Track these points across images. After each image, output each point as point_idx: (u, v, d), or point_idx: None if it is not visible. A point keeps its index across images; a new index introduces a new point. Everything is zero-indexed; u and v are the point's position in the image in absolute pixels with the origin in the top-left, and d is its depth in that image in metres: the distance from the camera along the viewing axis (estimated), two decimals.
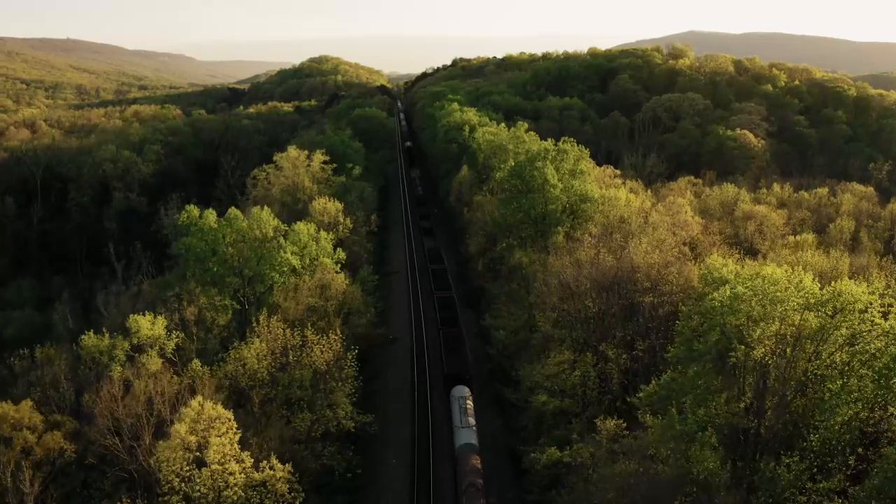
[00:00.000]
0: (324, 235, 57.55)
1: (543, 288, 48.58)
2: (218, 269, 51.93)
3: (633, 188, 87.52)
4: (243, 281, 53.10)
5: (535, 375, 47.17)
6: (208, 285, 52.10)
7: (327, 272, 55.56)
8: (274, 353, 41.63)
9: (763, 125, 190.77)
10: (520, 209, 67.91)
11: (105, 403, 34.21)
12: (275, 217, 55.64)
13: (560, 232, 62.48)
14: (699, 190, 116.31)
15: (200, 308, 48.14)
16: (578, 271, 46.41)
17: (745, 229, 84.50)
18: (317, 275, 54.63)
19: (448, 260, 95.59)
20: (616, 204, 68.88)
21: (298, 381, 40.44)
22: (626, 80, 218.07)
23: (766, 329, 30.94)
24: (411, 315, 74.11)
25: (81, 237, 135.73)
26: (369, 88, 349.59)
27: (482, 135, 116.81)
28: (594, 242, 53.93)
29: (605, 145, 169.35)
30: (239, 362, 40.35)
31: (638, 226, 62.86)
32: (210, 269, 51.75)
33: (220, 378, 40.20)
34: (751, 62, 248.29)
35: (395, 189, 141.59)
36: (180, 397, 35.19)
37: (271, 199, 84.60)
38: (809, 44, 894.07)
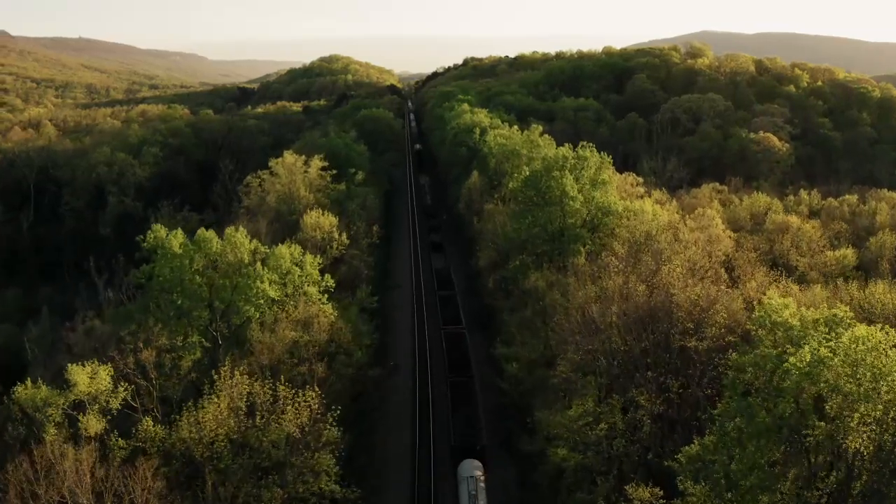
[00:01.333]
0: (309, 260, 50.28)
1: (564, 323, 41.82)
2: (183, 302, 45.29)
3: (658, 198, 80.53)
4: (214, 314, 46.51)
5: (554, 425, 40.39)
6: (173, 320, 45.62)
7: (312, 304, 48.79)
8: (238, 413, 34.87)
9: (786, 127, 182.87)
10: (535, 223, 61.11)
11: (17, 485, 27.69)
12: (253, 238, 48.53)
13: (581, 252, 55.56)
14: (725, 198, 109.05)
15: (160, 349, 41.45)
16: (605, 305, 39.67)
17: (781, 244, 77.30)
18: (300, 307, 47.84)
19: (457, 273, 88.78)
20: (642, 217, 61.98)
21: (266, 450, 33.73)
22: (643, 80, 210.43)
23: (869, 411, 23.99)
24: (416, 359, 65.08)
25: (75, 244, 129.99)
26: (378, 88, 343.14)
27: (494, 138, 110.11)
28: (621, 266, 47.07)
29: (622, 148, 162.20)
30: (194, 426, 33.72)
31: (667, 243, 55.92)
32: (174, 302, 45.34)
33: (172, 444, 33.71)
34: (771, 62, 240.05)
35: (401, 196, 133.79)
36: (110, 482, 28.44)
37: (266, 209, 78.22)
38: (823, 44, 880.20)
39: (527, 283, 56.00)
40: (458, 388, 53.46)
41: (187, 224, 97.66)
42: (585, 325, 39.60)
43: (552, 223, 60.51)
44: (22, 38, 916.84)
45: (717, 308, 37.57)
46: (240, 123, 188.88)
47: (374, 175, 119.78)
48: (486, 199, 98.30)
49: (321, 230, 64.74)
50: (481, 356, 63.60)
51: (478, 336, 69.17)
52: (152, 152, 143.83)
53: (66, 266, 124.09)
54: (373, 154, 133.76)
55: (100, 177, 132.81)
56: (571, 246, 59.48)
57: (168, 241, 44.80)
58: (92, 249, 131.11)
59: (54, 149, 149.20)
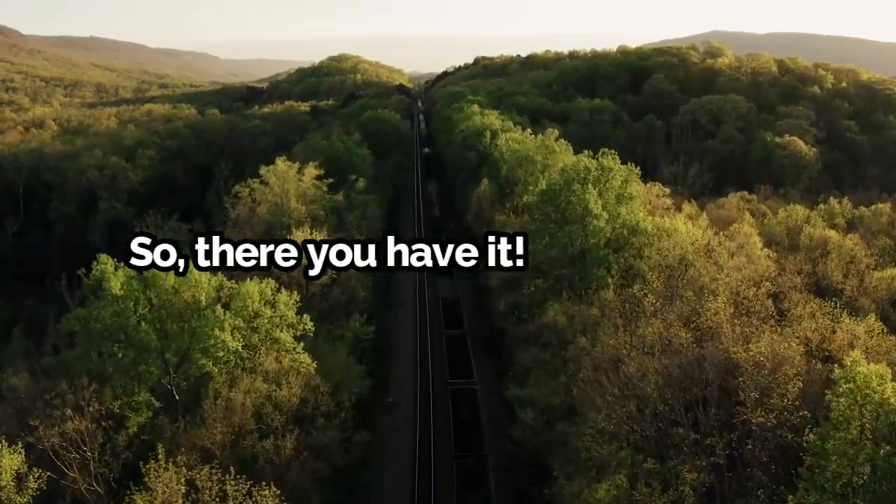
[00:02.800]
0: (283, 298, 42.60)
1: (594, 382, 34.43)
2: (126, 354, 37.58)
3: (689, 213, 72.86)
4: (167, 367, 38.78)
5: (580, 502, 33.06)
6: (116, 374, 37.87)
7: (284, 355, 41.43)
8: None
9: (812, 131, 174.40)
10: (553, 244, 53.73)
11: None
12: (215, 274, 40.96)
13: (608, 283, 47.95)
14: (755, 208, 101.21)
15: (99, 415, 34.03)
16: (642, 362, 32.35)
17: (824, 264, 69.51)
18: (266, 362, 40.44)
19: (466, 292, 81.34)
20: (675, 238, 54.54)
21: None
22: (661, 81, 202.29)
23: None
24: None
25: (64, 252, 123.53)
26: (387, 88, 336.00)
27: (505, 142, 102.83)
28: (658, 304, 39.64)
29: (640, 151, 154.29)
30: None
31: (706, 271, 48.45)
32: (115, 355, 37.56)
33: None
34: (793, 62, 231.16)
35: (408, 204, 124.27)
36: None
37: (256, 222, 71.07)
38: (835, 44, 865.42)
39: (544, 316, 48.61)
40: (467, 471, 45.29)
41: (176, 234, 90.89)
42: (619, 386, 32.30)
43: (573, 244, 53.12)
44: (33, 36, 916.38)
45: (785, 370, 30.09)
46: (241, 124, 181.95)
47: (377, 181, 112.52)
48: (498, 208, 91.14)
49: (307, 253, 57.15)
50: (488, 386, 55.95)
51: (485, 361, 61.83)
52: (148, 155, 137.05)
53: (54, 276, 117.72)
54: (377, 158, 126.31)
55: (90, 181, 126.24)
56: (594, 270, 52.08)
57: (108, 281, 37.28)
58: (81, 258, 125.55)
59: (45, 151, 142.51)
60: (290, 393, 38.13)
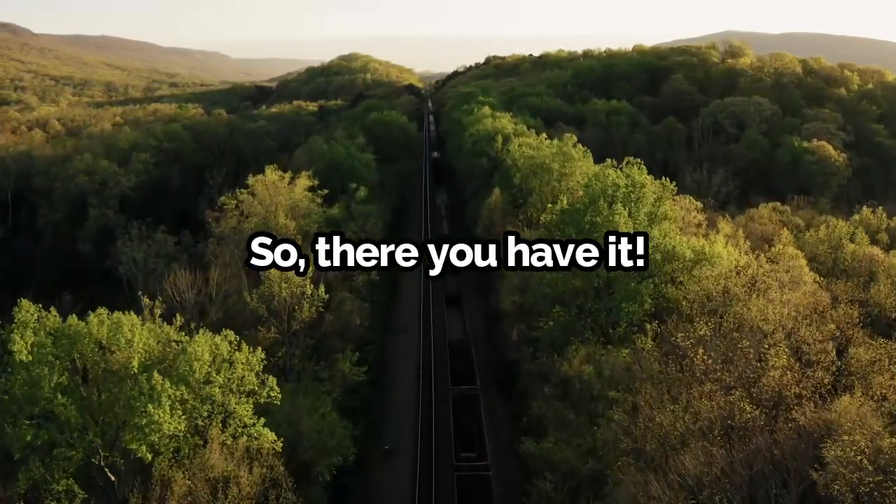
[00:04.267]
0: (242, 357, 33.72)
1: (636, 475, 27.07)
2: (34, 438, 29.39)
3: (727, 232, 65.09)
4: (93, 448, 30.66)
5: None
6: (35, 455, 29.67)
7: (241, 432, 33.00)
8: None
9: (839, 135, 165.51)
10: (575, 272, 46.36)
11: None
12: (159, 321, 33.37)
13: (647, 329, 40.26)
14: (788, 220, 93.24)
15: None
16: (702, 454, 25.04)
17: (878, 289, 61.85)
18: (211, 458, 30.77)
19: (475, 313, 73.99)
20: (717, 265, 47.15)
21: None
22: (680, 81, 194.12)
23: None
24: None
25: (53, 261, 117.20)
26: (396, 88, 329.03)
27: (519, 148, 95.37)
28: (710, 361, 32.14)
29: (660, 156, 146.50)
30: None
31: (759, 311, 40.97)
32: (23, 436, 29.25)
33: None
34: (817, 62, 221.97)
35: (414, 214, 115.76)
36: None
37: (241, 240, 63.85)
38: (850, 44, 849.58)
39: (567, 366, 41.14)
40: None
41: (162, 249, 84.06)
42: (671, 485, 25.04)
43: (599, 274, 45.74)
44: (44, 35, 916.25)
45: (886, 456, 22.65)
46: (243, 126, 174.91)
47: (382, 190, 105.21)
48: (510, 220, 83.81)
49: (289, 285, 49.54)
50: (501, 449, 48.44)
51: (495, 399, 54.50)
52: (142, 159, 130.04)
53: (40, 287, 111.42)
54: (383, 163, 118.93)
55: (79, 187, 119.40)
56: (623, 305, 44.67)
57: (13, 344, 29.77)
58: (70, 268, 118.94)
59: (34, 155, 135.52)
60: (250, 481, 30.57)
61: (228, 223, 69.00)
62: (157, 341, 32.32)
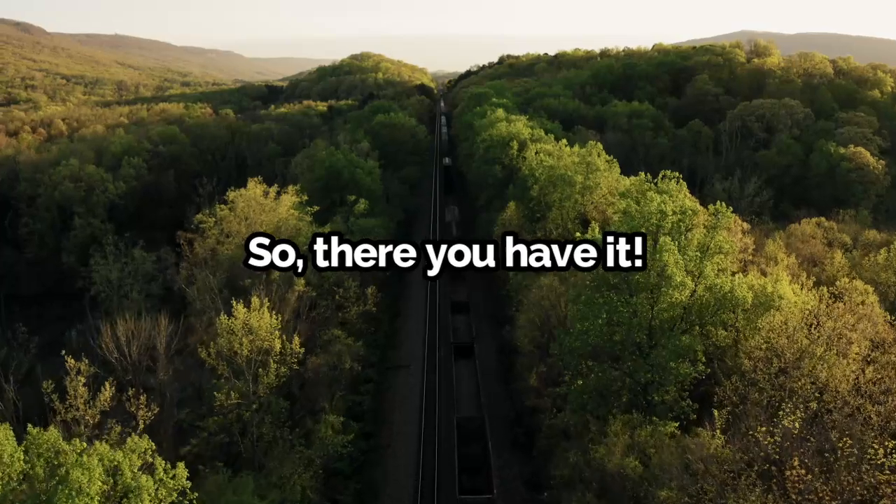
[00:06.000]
0: (161, 466, 24.42)
1: None
2: None
3: (788, 264, 55.75)
4: None
5: None
6: None
7: None
8: None
9: (875, 140, 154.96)
10: (612, 325, 37.46)
11: None
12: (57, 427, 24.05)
13: (717, 419, 30.64)
14: (834, 237, 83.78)
15: None
16: None
17: None
18: None
19: (487, 346, 65.31)
20: (783, 308, 38.26)
21: None
22: (705, 81, 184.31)
23: None
24: None
25: (36, 274, 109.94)
26: (407, 88, 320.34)
27: (536, 156, 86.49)
28: (809, 477, 23.24)
29: (686, 162, 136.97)
30: None
31: (845, 378, 32.10)
32: None
33: None
34: (846, 62, 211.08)
35: (422, 229, 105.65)
36: None
37: (218, 264, 55.37)
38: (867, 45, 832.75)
39: (604, 452, 32.19)
40: None
41: (139, 267, 75.84)
42: None
43: (640, 323, 36.83)
44: (58, 34, 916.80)
45: None
46: (245, 128, 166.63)
47: (386, 201, 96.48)
48: (526, 238, 75.07)
49: (252, 338, 40.62)
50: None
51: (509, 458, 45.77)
52: (133, 164, 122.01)
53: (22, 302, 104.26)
54: (388, 171, 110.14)
55: (63, 194, 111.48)
56: (671, 365, 35.78)
57: None
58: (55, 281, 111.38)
59: (19, 160, 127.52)
60: None
61: (207, 244, 60.49)
62: (38, 457, 23.42)
